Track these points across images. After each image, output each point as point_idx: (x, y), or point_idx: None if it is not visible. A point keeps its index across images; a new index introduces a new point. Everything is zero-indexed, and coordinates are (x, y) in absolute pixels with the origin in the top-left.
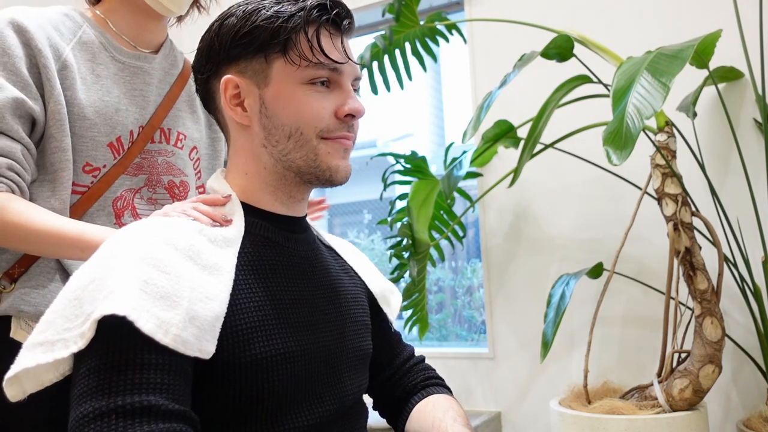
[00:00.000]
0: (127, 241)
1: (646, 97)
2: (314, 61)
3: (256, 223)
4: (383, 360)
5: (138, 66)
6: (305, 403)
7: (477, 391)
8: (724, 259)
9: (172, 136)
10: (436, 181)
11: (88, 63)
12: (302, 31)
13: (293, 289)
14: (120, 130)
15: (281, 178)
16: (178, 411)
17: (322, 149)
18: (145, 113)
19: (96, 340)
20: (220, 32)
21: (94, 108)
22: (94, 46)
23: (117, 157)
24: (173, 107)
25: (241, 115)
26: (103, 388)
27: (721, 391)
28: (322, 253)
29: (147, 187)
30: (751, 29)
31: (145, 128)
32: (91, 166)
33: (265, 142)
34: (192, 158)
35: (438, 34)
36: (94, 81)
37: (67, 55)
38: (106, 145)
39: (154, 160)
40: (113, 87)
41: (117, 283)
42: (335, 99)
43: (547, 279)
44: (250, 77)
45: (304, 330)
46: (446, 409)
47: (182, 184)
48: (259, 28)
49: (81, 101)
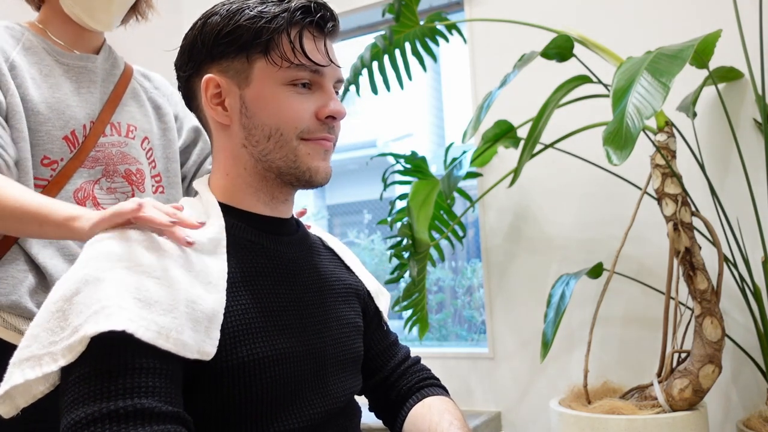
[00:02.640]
0: (110, 252)
1: (646, 97)
2: (295, 63)
3: (238, 225)
4: (378, 362)
5: (82, 65)
6: (295, 406)
7: (477, 391)
8: (724, 259)
9: (123, 128)
10: (436, 181)
11: (35, 65)
12: (285, 32)
13: (278, 292)
14: (73, 124)
15: (262, 179)
16: (172, 412)
17: (302, 150)
18: (95, 109)
19: (87, 352)
20: (203, 30)
21: (46, 103)
22: (37, 50)
23: (73, 150)
24: (120, 103)
25: (221, 114)
26: (95, 394)
27: (721, 391)
28: (316, 256)
29: (105, 177)
30: (751, 29)
31: (96, 123)
32: (49, 159)
33: (246, 142)
34: (144, 148)
35: (438, 34)
36: (42, 80)
37: (14, 57)
38: (62, 138)
39: (108, 151)
40: (61, 85)
41: (108, 296)
42: (316, 100)
43: (547, 279)
44: (231, 77)
45: (291, 333)
46: (442, 411)
47: (138, 171)
48: (241, 27)
49: (33, 97)
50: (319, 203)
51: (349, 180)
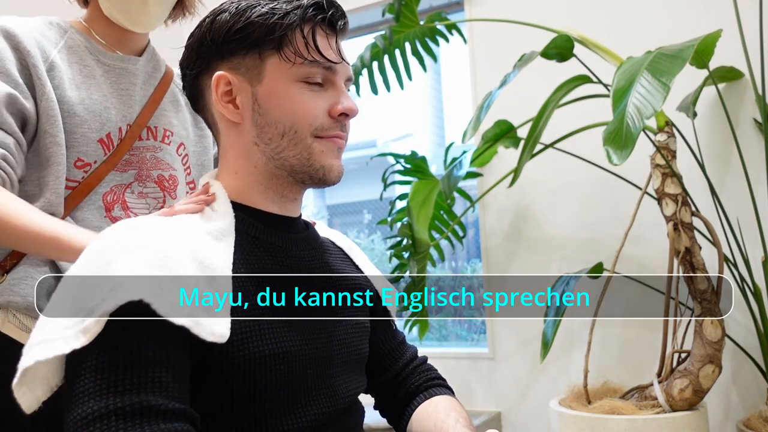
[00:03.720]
0: (120, 236)
1: (646, 97)
2: (309, 59)
3: (247, 221)
4: (386, 362)
5: (123, 67)
6: (300, 405)
7: (477, 391)
8: (724, 259)
9: (159, 133)
10: (436, 181)
11: (75, 65)
12: (298, 28)
13: (286, 290)
14: (109, 126)
15: (273, 177)
16: (179, 410)
17: (316, 148)
18: (132, 111)
19: (102, 335)
20: (212, 28)
21: (83, 105)
22: (79, 50)
23: (107, 153)
24: (158, 107)
25: (232, 112)
26: (102, 388)
27: (721, 391)
28: (325, 254)
29: (137, 182)
30: (751, 29)
31: (133, 126)
32: (83, 161)
33: (257, 140)
34: (180, 154)
35: (438, 34)
36: (81, 81)
37: (54, 56)
38: (97, 140)
39: (142, 156)
40: (100, 86)
41: (122, 274)
42: (329, 98)
43: (547, 279)
44: (242, 74)
45: (298, 331)
46: (448, 410)
47: (171, 177)
48: (253, 24)
49: (70, 99)
50: (319, 203)
51: (349, 180)
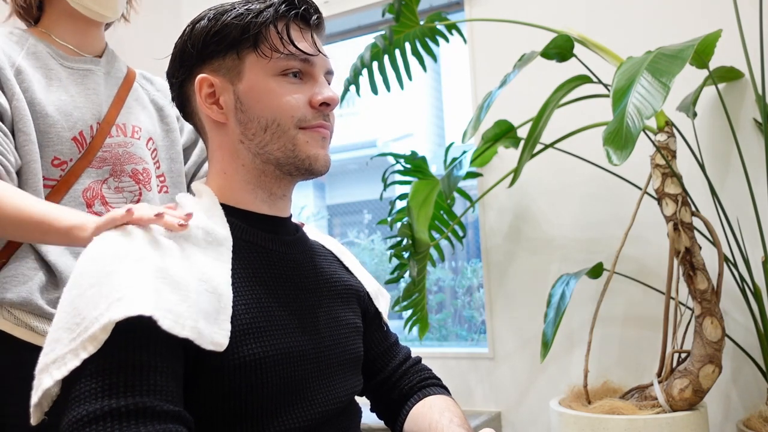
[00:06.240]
0: (117, 247)
1: (646, 97)
2: (285, 53)
3: (239, 226)
4: (379, 363)
5: (87, 68)
6: (296, 406)
7: (477, 391)
8: (724, 259)
9: (128, 129)
10: (436, 181)
11: (40, 69)
12: (272, 24)
13: (279, 292)
14: (81, 125)
15: (260, 174)
16: (174, 411)
17: (300, 139)
18: (100, 110)
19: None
20: (192, 35)
21: (54, 106)
22: (42, 55)
23: (81, 150)
24: (124, 105)
25: (217, 112)
26: (98, 391)
27: (721, 391)
28: (316, 257)
29: (112, 177)
30: (751, 29)
31: (102, 124)
32: (60, 160)
33: (242, 137)
34: (149, 148)
35: (438, 34)
36: (48, 84)
37: (20, 62)
38: (71, 139)
39: (115, 151)
40: (67, 88)
41: (124, 286)
42: (308, 89)
43: (547, 279)
44: (223, 75)
45: (292, 334)
46: (443, 410)
47: (144, 170)
48: (229, 25)
49: (40, 100)
50: (319, 203)
51: (349, 180)
